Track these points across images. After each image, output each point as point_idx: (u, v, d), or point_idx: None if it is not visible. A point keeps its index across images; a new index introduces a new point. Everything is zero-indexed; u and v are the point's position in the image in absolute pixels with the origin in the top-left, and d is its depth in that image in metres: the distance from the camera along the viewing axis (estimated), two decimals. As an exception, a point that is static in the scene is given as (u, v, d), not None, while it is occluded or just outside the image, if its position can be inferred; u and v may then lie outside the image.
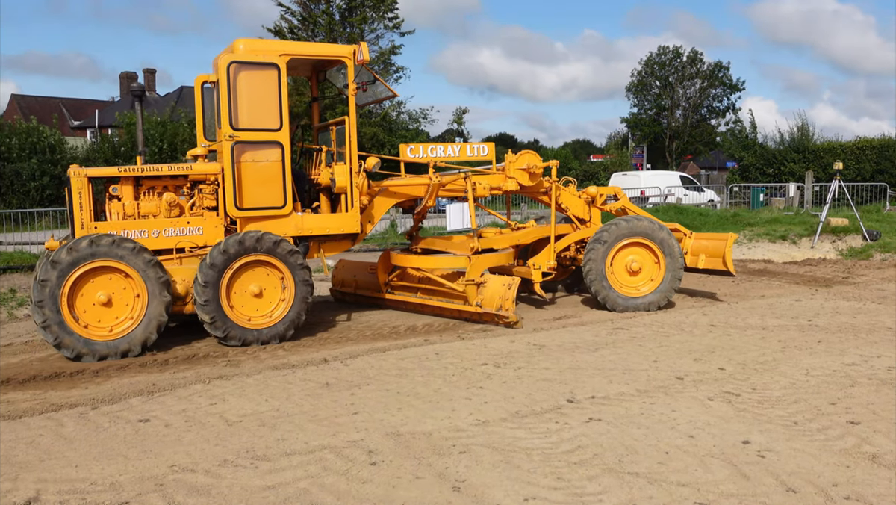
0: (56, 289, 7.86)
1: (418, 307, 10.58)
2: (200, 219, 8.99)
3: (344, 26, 33.91)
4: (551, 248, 10.80)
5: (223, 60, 8.71)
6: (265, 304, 8.75)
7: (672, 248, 10.47)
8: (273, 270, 8.75)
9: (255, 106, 8.80)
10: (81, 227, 8.48)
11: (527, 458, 5.07)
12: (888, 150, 32.63)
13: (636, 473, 4.80)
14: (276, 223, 9.07)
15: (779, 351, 7.98)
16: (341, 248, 9.95)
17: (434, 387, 6.80)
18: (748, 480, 4.68)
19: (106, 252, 8.00)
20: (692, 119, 59.48)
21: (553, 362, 7.61)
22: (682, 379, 6.95)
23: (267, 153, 8.93)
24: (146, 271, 8.14)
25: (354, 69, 9.46)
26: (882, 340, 8.42)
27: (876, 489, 4.52)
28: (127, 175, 8.88)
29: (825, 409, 6.03)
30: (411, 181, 10.41)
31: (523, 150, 11.18)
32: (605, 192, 11.55)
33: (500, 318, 9.37)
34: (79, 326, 7.98)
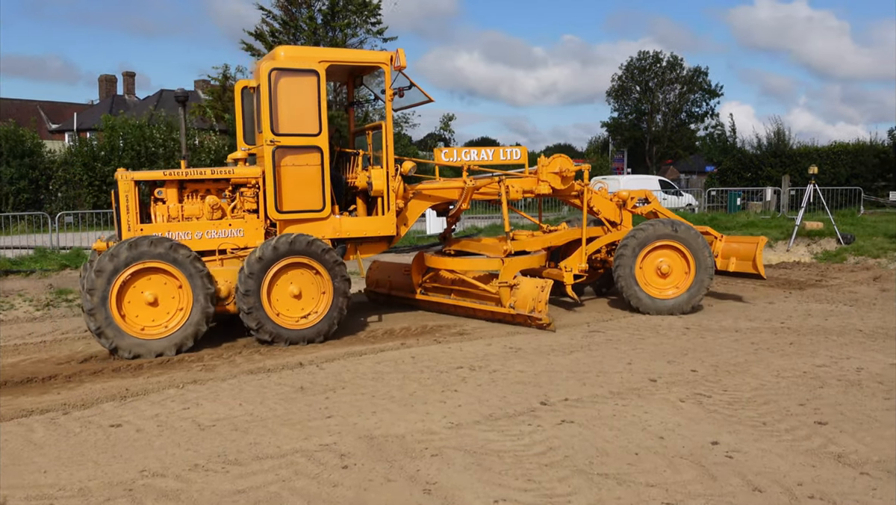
0: (107, 287, 8.04)
1: (451, 308, 10.65)
2: (241, 221, 9.19)
3: (327, 31, 33.88)
4: (583, 250, 10.90)
5: (265, 67, 8.90)
6: (306, 303, 8.92)
7: (703, 252, 10.47)
8: (309, 270, 8.90)
9: (295, 111, 9.02)
10: (128, 228, 8.70)
11: (498, 460, 5.11)
12: (862, 154, 33.06)
13: (606, 475, 4.84)
14: (314, 226, 9.28)
15: (751, 353, 8.07)
16: (377, 250, 10.13)
17: (409, 390, 6.82)
18: (716, 480, 4.74)
19: (163, 255, 8.23)
20: (672, 124, 59.91)
21: (528, 365, 7.65)
22: (655, 381, 7.01)
23: (306, 157, 9.13)
24: (196, 280, 8.36)
25: (391, 75, 9.63)
26: (852, 343, 8.53)
27: (840, 488, 4.59)
28: (172, 178, 9.10)
29: (794, 410, 6.11)
30: (446, 184, 10.59)
31: (555, 153, 11.31)
32: (637, 195, 11.63)
33: (532, 319, 9.41)
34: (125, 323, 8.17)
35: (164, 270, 8.29)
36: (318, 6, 33.51)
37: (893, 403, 6.22)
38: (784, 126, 39.73)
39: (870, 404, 6.21)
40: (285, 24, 33.02)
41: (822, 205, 20.90)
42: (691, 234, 10.51)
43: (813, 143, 36.63)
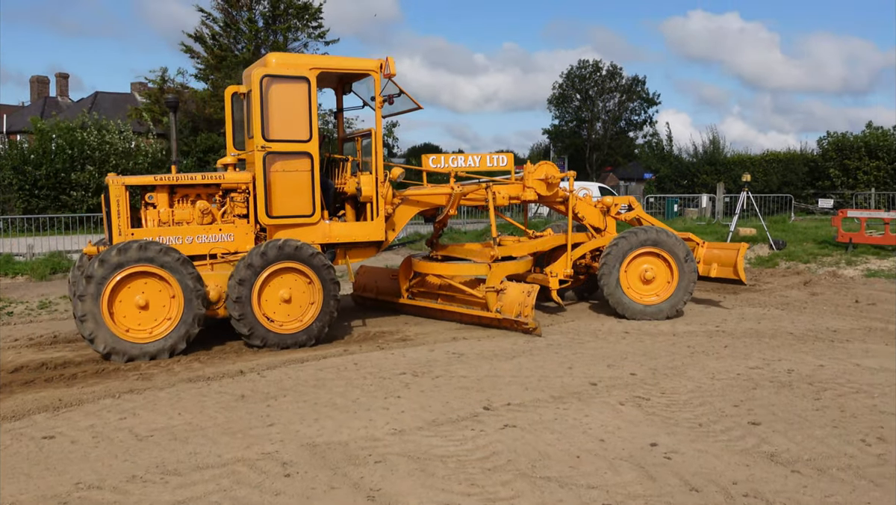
0: (98, 291, 8.08)
1: (438, 313, 10.71)
2: (232, 226, 9.23)
3: (268, 34, 33.51)
4: (568, 256, 11.07)
5: (256, 74, 8.95)
6: (296, 308, 8.97)
7: (685, 259, 10.65)
8: (299, 274, 8.94)
9: (285, 118, 9.09)
10: (119, 233, 8.70)
11: (442, 465, 5.12)
12: (793, 163, 34.14)
13: (548, 478, 4.90)
14: (304, 231, 9.34)
15: (688, 356, 8.27)
16: (366, 256, 10.21)
17: (352, 397, 6.79)
18: (654, 481, 4.84)
19: (152, 258, 8.26)
20: (612, 131, 60.96)
21: (471, 371, 7.70)
22: (596, 385, 7.12)
23: (297, 163, 9.20)
24: (187, 283, 8.39)
25: (381, 82, 9.70)
26: (783, 345, 8.81)
27: (772, 486, 4.74)
28: (162, 183, 9.14)
29: (729, 411, 6.28)
30: (433, 191, 10.68)
31: (542, 160, 11.45)
32: (620, 202, 11.84)
33: (519, 324, 9.49)
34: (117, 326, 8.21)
35: (154, 274, 8.32)
36: (259, 9, 33.13)
37: (823, 404, 6.45)
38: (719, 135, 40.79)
39: (800, 405, 6.42)
40: (226, 27, 32.56)
41: (755, 211, 21.54)
42: (675, 241, 10.71)
43: (746, 151, 37.68)
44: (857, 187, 31.33)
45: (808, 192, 33.07)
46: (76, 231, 19.57)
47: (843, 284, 13.95)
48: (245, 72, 9.94)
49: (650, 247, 10.63)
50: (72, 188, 26.24)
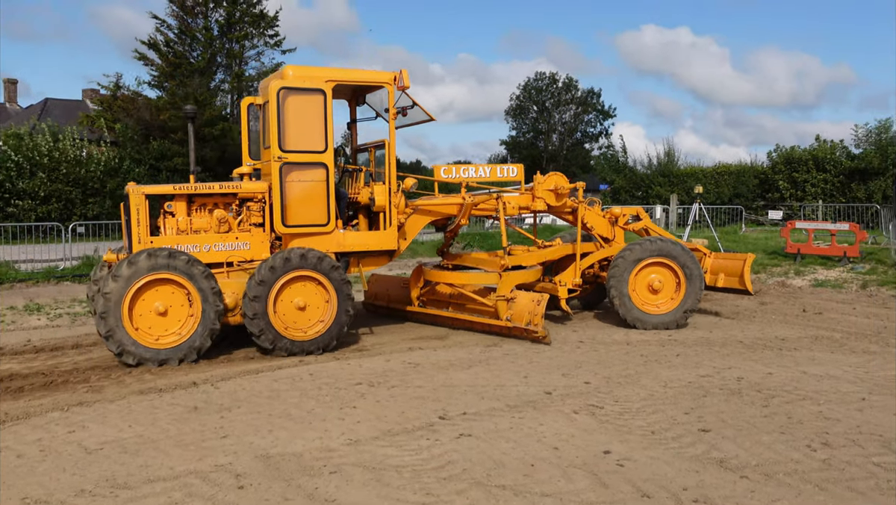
0: (122, 292, 8.23)
1: (449, 321, 10.81)
2: (248, 234, 9.42)
3: (223, 42, 33.23)
4: (577, 265, 11.19)
5: (274, 86, 9.11)
6: (309, 317, 9.09)
7: (693, 270, 10.73)
8: (317, 285, 9.09)
9: (302, 129, 9.26)
10: (138, 241, 8.88)
11: (397, 475, 5.12)
12: (744, 175, 34.94)
13: (503, 486, 4.93)
14: (319, 240, 9.49)
15: (641, 365, 8.39)
16: (379, 264, 10.38)
17: (307, 408, 6.75)
18: (607, 488, 4.91)
19: (179, 268, 8.42)
20: (568, 143, 61.71)
21: (427, 380, 7.71)
22: (551, 393, 7.19)
23: (312, 173, 9.36)
24: (206, 295, 8.52)
25: (395, 94, 9.84)
26: (733, 353, 8.99)
27: (722, 492, 4.84)
28: (181, 193, 9.29)
29: (680, 418, 6.39)
30: (445, 201, 10.83)
31: (551, 171, 11.58)
32: (628, 212, 11.93)
33: (529, 332, 9.58)
34: (136, 332, 8.36)
35: (177, 283, 8.46)
36: (215, 17, 32.84)
37: (770, 410, 6.60)
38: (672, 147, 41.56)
39: (749, 411, 6.56)
40: (181, 34, 32.20)
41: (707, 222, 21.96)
42: (683, 251, 10.81)
43: (699, 163, 38.49)
44: (806, 199, 32.15)
45: (758, 203, 33.86)
46: (23, 241, 19.09)
47: (791, 294, 14.30)
48: (262, 83, 10.21)
49: (659, 257, 10.74)
50: (18, 197, 25.62)
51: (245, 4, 32.86)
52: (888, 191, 30.42)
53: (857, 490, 4.86)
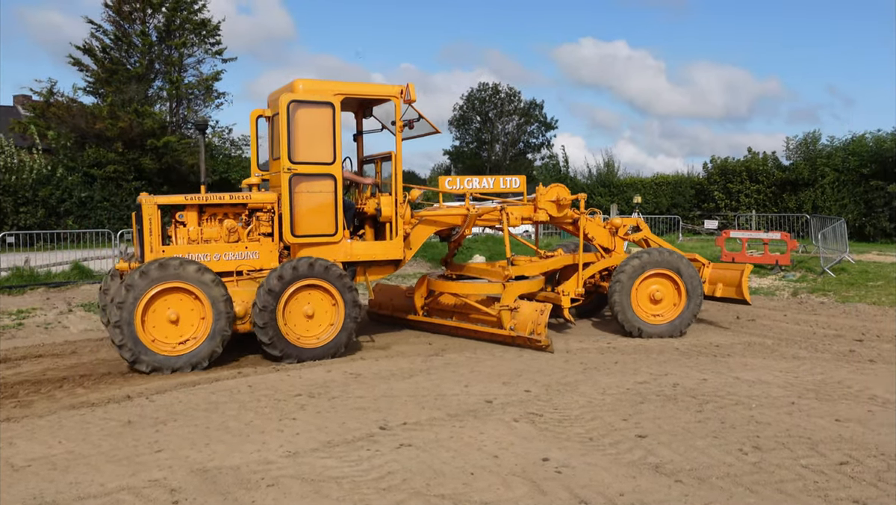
0: (135, 302, 8.40)
1: (454, 330, 10.93)
2: (257, 244, 9.61)
3: (162, 49, 32.62)
4: (579, 275, 11.33)
5: (284, 99, 9.30)
6: (317, 325, 9.29)
7: (694, 282, 10.90)
8: (324, 293, 9.28)
9: (311, 141, 9.45)
10: (150, 250, 9.05)
11: (336, 486, 5.08)
12: (681, 185, 35.76)
13: (442, 495, 4.94)
14: (327, 249, 9.67)
15: (580, 372, 8.50)
16: (385, 273, 10.56)
17: (245, 420, 6.65)
18: (545, 494, 4.95)
19: (190, 276, 8.59)
20: (511, 153, 62.20)
21: (368, 391, 7.67)
22: (491, 402, 7.23)
23: (321, 185, 9.55)
24: (217, 303, 8.70)
25: (401, 107, 10.11)
26: (670, 360, 9.18)
27: (657, 496, 4.93)
28: (192, 203, 9.49)
29: (618, 424, 6.49)
30: (450, 211, 11.04)
31: (553, 182, 11.75)
32: (628, 223, 12.07)
33: (532, 341, 9.73)
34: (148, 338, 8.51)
35: (188, 291, 8.63)
36: (153, 23, 32.23)
37: (705, 416, 6.75)
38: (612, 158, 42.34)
39: (684, 417, 6.70)
40: (117, 40, 31.50)
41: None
42: (683, 262, 10.98)
43: (638, 174, 39.24)
44: (740, 209, 33.03)
45: (694, 213, 34.66)
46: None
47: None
48: (271, 96, 10.46)
49: (660, 268, 10.90)
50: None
51: (185, 11, 32.33)
52: (817, 201, 31.49)
53: (785, 492, 5.00)
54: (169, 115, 33.28)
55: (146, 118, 29.21)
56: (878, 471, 5.35)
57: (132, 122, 28.56)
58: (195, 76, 33.72)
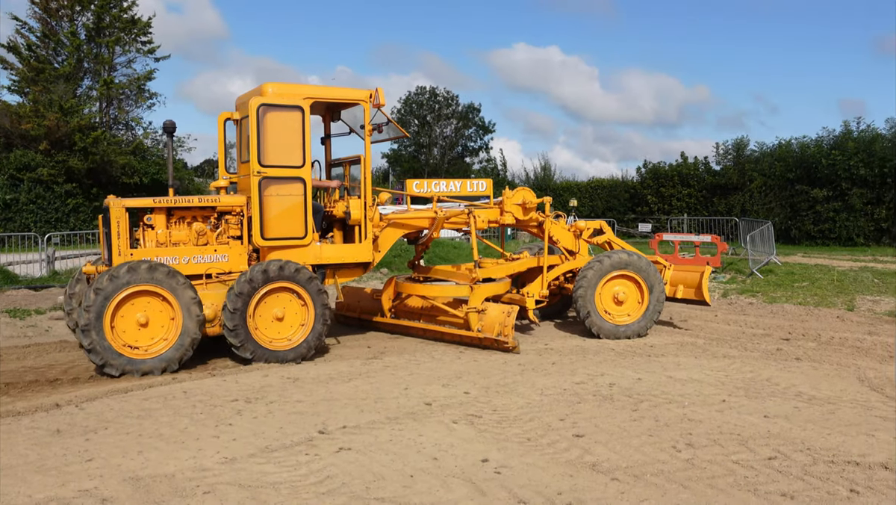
0: (103, 306, 8.33)
1: (421, 332, 11.00)
2: (226, 247, 9.57)
3: (91, 47, 31.71)
4: (543, 277, 11.43)
5: (253, 102, 9.34)
6: (287, 327, 9.29)
7: (656, 284, 11.07)
8: (294, 296, 9.28)
9: (280, 144, 9.49)
10: (118, 253, 8.95)
11: (274, 492, 5.02)
12: (615, 189, 36.50)
13: (382, 498, 4.93)
14: (297, 252, 9.69)
15: (518, 374, 8.58)
16: (354, 276, 10.63)
17: (180, 427, 6.51)
18: (485, 495, 4.99)
19: (159, 280, 8.55)
20: (449, 157, 62.41)
21: (306, 395, 7.60)
22: (430, 404, 7.24)
23: (290, 188, 9.60)
24: (187, 306, 8.65)
25: (370, 111, 10.20)
26: (606, 361, 9.35)
27: (593, 494, 5.01)
28: (160, 206, 9.44)
29: (555, 424, 6.57)
30: (418, 214, 11.11)
31: (519, 186, 11.54)
32: (592, 226, 12.21)
33: (499, 343, 9.83)
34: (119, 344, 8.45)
35: (158, 294, 8.59)
36: (82, 20, 31.33)
37: (639, 414, 6.90)
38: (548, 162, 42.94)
39: (620, 416, 6.83)
40: (44, 38, 30.51)
41: (581, 235, 22.66)
42: (646, 264, 11.14)
43: (574, 178, 39.95)
44: (672, 213, 33.84)
45: (629, 216, 35.38)
46: None
47: (659, 303, 14.96)
48: (239, 99, 10.41)
49: (624, 270, 11.06)
50: None
51: (116, 9, 31.51)
52: (746, 205, 32.47)
53: (717, 487, 5.14)
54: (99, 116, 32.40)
55: (73, 117, 28.34)
56: (804, 465, 5.55)
57: (59, 121, 27.69)
58: (127, 75, 32.92)
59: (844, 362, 9.20)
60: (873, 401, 7.36)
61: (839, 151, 29.82)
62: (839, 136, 31.12)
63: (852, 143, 29.78)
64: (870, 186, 29.17)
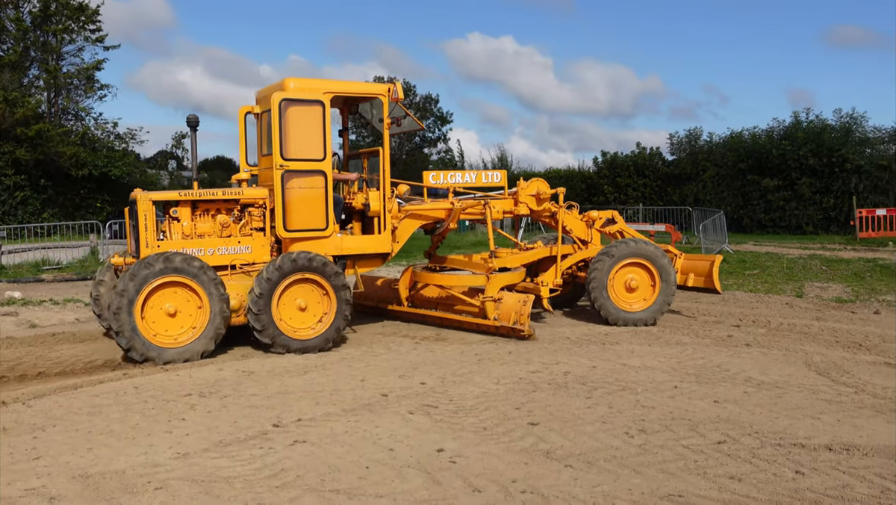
0: (136, 292, 8.57)
1: (438, 320, 11.16)
2: (249, 238, 9.81)
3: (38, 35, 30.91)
4: (557, 266, 11.62)
5: (275, 97, 9.54)
6: (310, 317, 9.47)
7: (668, 273, 11.22)
8: (318, 287, 9.47)
9: (301, 138, 9.68)
10: (146, 245, 9.20)
11: (228, 486, 4.97)
12: (572, 180, 36.76)
13: (337, 490, 4.91)
14: (318, 244, 9.88)
15: (475, 364, 8.62)
16: (373, 266, 10.88)
17: (131, 423, 6.41)
18: (440, 485, 5.00)
19: (190, 271, 8.79)
20: (407, 147, 62.25)
21: (261, 388, 7.54)
22: (387, 395, 7.24)
23: (312, 181, 9.77)
24: (215, 297, 8.89)
25: (389, 105, 10.37)
26: (561, 349, 9.43)
27: (547, 481, 5.07)
28: (186, 199, 9.67)
29: (511, 413, 6.62)
30: (435, 206, 11.26)
31: (533, 177, 12.04)
32: (604, 216, 12.31)
33: (515, 331, 9.99)
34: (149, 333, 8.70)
35: (186, 285, 8.81)
36: (28, 7, 30.51)
37: (594, 402, 6.98)
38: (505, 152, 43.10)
39: (574, 404, 6.91)
40: (-14, 25, 29.66)
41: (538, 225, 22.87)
42: (658, 252, 11.29)
43: (531, 168, 40.14)
44: (628, 202, 34.24)
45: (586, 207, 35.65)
46: None
47: (614, 292, 15.14)
48: (260, 93, 10.67)
49: (636, 258, 11.21)
50: None
51: (62, -5, 30.75)
52: (699, 194, 32.99)
53: (668, 472, 5.24)
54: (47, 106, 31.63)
55: (19, 107, 27.62)
56: (752, 448, 5.68)
57: (3, 112, 26.96)
58: (75, 65, 32.19)
59: (792, 348, 9.42)
60: (819, 385, 7.56)
61: (789, 142, 30.45)
62: (789, 126, 31.80)
63: (802, 134, 30.43)
64: (818, 176, 29.86)
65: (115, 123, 34.59)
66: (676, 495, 4.83)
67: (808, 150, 29.69)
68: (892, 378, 7.83)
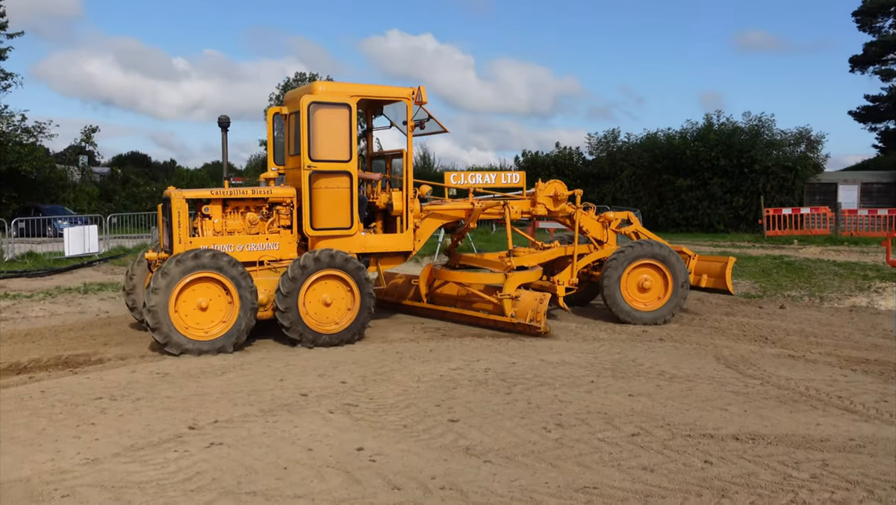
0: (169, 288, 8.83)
1: (456, 316, 11.39)
2: (277, 236, 10.14)
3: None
4: (573, 266, 11.79)
5: (304, 100, 9.82)
6: (334, 312, 9.74)
7: (681, 275, 11.36)
8: (342, 283, 9.74)
9: (329, 140, 9.97)
10: (179, 241, 9.52)
11: (140, 492, 4.84)
12: (495, 178, 37.29)
13: (254, 492, 4.84)
14: (343, 241, 10.18)
15: (396, 362, 8.62)
16: (395, 264, 11.17)
17: (37, 428, 6.16)
18: (359, 483, 4.99)
19: (222, 267, 9.08)
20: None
21: (176, 390, 7.35)
22: (306, 395, 7.16)
23: (338, 181, 10.06)
24: (244, 293, 9.16)
25: (412, 108, 10.66)
26: (481, 346, 9.52)
27: (467, 477, 5.11)
28: (217, 197, 10.01)
29: (431, 410, 6.65)
30: (455, 206, 11.58)
31: (551, 179, 12.27)
32: (620, 217, 12.49)
33: (532, 328, 10.14)
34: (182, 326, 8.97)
35: (218, 281, 9.09)
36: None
37: (513, 397, 7.07)
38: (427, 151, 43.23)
39: (494, 400, 6.99)
40: None
41: (460, 223, 22.96)
42: (671, 253, 11.41)
43: (453, 166, 40.31)
44: (548, 201, 34.80)
45: (507, 205, 36.16)
46: None
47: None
48: (289, 95, 11.02)
49: (649, 259, 11.35)
50: None
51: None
52: (617, 194, 33.79)
53: (584, 464, 5.35)
54: (-53, 97, 30.06)
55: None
56: (664, 440, 5.86)
57: None
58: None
59: (703, 342, 9.76)
60: (728, 377, 7.85)
61: (701, 143, 31.48)
62: (701, 128, 32.87)
63: (713, 136, 31.51)
64: (729, 176, 30.99)
65: (24, 116, 33.17)
66: (591, 487, 4.94)
67: (719, 152, 30.77)
68: (795, 370, 8.20)
